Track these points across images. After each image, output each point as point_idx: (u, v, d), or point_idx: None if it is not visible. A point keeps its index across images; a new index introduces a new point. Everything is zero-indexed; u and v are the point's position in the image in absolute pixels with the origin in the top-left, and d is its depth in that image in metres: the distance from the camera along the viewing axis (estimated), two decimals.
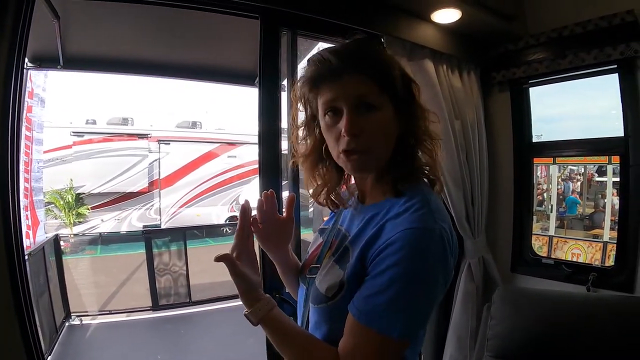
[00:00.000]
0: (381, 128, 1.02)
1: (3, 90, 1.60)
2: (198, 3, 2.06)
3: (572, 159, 3.02)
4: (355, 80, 1.00)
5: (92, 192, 13.54)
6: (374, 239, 0.98)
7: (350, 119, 1.00)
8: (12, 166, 1.63)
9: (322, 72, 1.04)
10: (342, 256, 1.06)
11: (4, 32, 1.60)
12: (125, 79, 17.89)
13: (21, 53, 1.66)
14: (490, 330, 2.34)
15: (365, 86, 1.00)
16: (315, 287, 1.08)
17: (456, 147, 2.64)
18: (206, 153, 15.03)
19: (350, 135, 0.99)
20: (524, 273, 2.96)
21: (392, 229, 0.94)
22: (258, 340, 4.85)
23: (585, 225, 3.02)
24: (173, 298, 7.03)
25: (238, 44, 3.26)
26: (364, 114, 1.00)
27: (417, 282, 0.90)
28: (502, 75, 2.88)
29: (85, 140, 13.37)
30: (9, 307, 1.62)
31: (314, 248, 1.27)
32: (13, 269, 1.62)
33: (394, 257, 0.89)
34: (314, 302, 1.08)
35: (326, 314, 1.04)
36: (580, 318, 2.14)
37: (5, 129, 1.61)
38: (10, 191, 1.62)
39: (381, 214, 1.03)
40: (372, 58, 1.05)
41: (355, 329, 0.93)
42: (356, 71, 1.01)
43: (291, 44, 2.21)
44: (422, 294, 0.92)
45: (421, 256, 0.90)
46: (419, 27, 2.49)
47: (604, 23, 2.42)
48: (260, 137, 2.10)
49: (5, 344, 1.63)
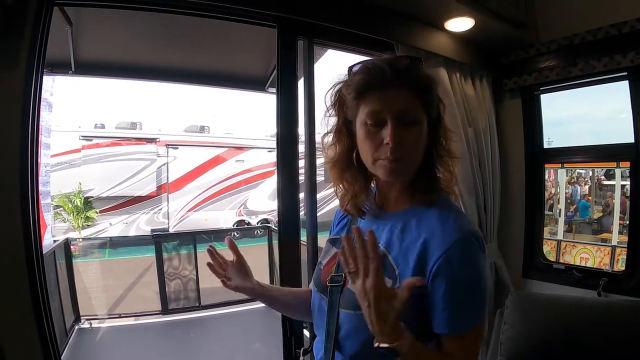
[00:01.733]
0: (418, 141, 1.10)
1: (23, 98, 1.63)
2: (216, 12, 2.08)
3: (581, 163, 3.03)
4: (403, 95, 1.09)
5: (101, 195, 13.63)
6: (424, 252, 1.06)
7: (395, 129, 1.06)
8: (32, 170, 1.67)
9: (374, 80, 1.09)
10: (385, 266, 1.11)
11: (23, 40, 1.64)
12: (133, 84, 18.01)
13: (40, 60, 1.69)
14: (503, 334, 2.35)
15: (411, 101, 1.09)
16: (353, 292, 1.08)
17: (469, 154, 2.66)
18: (214, 157, 15.11)
19: (395, 144, 1.06)
20: (535, 278, 2.97)
21: (443, 241, 1.04)
22: (266, 345, 4.86)
23: (594, 229, 3.02)
24: (183, 302, 7.03)
25: (248, 50, 3.29)
26: (405, 126, 1.08)
27: (479, 279, 1.06)
28: (513, 82, 2.90)
29: (93, 144, 13.44)
30: (28, 307, 1.66)
31: (329, 258, 1.32)
32: (32, 271, 1.66)
33: (458, 269, 1.02)
34: (353, 309, 1.11)
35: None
36: (592, 323, 2.15)
37: (26, 134, 1.64)
38: (30, 195, 1.66)
39: (415, 223, 1.13)
40: (419, 76, 1.12)
41: (459, 339, 1.05)
42: (405, 86, 1.09)
43: (307, 52, 2.24)
44: (483, 283, 1.07)
45: (475, 258, 1.06)
46: (432, 36, 2.52)
47: (614, 31, 2.42)
48: (279, 142, 2.14)
49: (23, 344, 1.67)
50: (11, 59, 1.61)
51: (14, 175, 1.62)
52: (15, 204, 1.62)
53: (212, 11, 2.08)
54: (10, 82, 1.61)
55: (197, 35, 2.96)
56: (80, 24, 2.60)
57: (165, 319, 6.79)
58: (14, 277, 1.63)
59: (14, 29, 1.61)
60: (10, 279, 1.63)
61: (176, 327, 6.40)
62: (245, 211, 15.89)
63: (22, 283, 1.64)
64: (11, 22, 1.59)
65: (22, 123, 1.63)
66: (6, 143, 1.61)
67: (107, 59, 3.26)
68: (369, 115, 1.10)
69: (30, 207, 1.66)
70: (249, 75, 3.77)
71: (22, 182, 1.64)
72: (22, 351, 1.66)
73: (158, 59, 3.38)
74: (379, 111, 1.08)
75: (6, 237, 1.62)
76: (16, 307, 1.65)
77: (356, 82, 1.12)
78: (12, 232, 1.62)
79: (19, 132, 1.62)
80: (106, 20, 2.65)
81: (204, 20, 2.18)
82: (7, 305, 1.62)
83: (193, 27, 2.75)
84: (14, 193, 1.62)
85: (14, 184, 1.62)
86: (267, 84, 3.76)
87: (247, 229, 14.93)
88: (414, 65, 1.13)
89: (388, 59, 1.11)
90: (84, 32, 2.72)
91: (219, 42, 3.12)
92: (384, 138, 1.07)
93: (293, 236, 2.21)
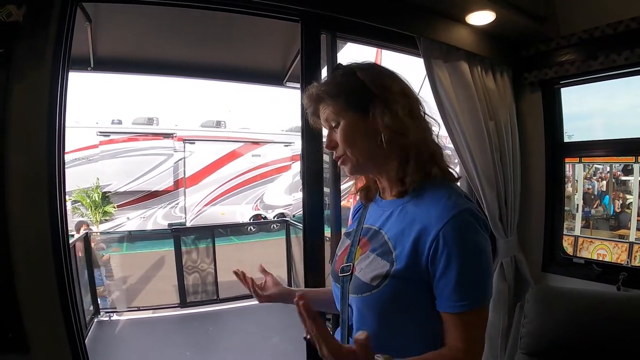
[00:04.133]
0: (347, 136, 1.22)
1: (49, 95, 1.67)
2: (240, 7, 2.10)
3: (599, 157, 3.00)
4: (323, 109, 1.26)
5: (118, 190, 13.75)
6: (420, 234, 1.10)
7: (327, 136, 1.27)
8: (59, 165, 1.71)
9: (308, 110, 1.34)
10: (384, 250, 1.17)
11: (49, 37, 1.67)
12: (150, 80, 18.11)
13: (66, 57, 1.73)
14: (523, 328, 2.36)
15: (328, 111, 1.24)
16: (358, 278, 1.19)
17: (490, 147, 2.66)
18: (230, 152, 15.19)
19: (329, 149, 1.27)
20: (555, 272, 2.96)
21: (437, 220, 1.07)
22: (284, 339, 4.88)
23: (611, 225, 3.00)
24: (201, 295, 7.09)
25: (266, 44, 3.30)
26: (334, 129, 1.25)
27: (477, 256, 1.08)
28: (534, 75, 2.87)
29: (111, 139, 13.56)
30: (55, 301, 1.71)
31: (342, 250, 1.38)
32: (59, 262, 1.70)
33: (455, 246, 1.05)
34: (358, 292, 1.17)
35: (371, 302, 1.15)
36: (612, 316, 2.15)
37: (53, 131, 1.68)
38: (58, 189, 1.70)
39: (411, 207, 1.18)
40: (325, 86, 1.27)
41: (462, 319, 1.07)
42: (319, 103, 1.27)
43: (331, 46, 2.25)
44: (484, 260, 1.09)
45: (472, 235, 1.08)
46: (454, 29, 2.52)
47: (635, 24, 2.39)
48: (304, 136, 2.17)
49: (49, 334, 1.71)
50: (38, 56, 1.65)
51: (42, 170, 1.66)
52: (43, 198, 1.66)
53: (236, 6, 2.10)
54: (37, 79, 1.65)
55: (213, 30, 2.98)
56: (99, 21, 2.63)
57: (184, 311, 6.83)
58: (42, 269, 1.68)
59: (41, 27, 1.65)
60: (39, 270, 1.67)
61: (194, 320, 6.43)
62: (262, 205, 15.97)
63: (49, 275, 1.69)
64: (37, 20, 1.63)
65: (49, 118, 1.67)
66: (34, 138, 1.65)
67: (126, 55, 3.28)
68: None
69: (58, 201, 1.70)
70: (266, 69, 3.77)
71: (49, 177, 1.68)
72: (49, 344, 1.71)
73: (175, 54, 3.39)
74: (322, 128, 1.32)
75: (35, 229, 1.66)
76: (44, 300, 1.69)
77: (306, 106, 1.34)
78: (41, 225, 1.66)
79: (46, 127, 1.66)
80: (125, 16, 2.68)
81: (221, 14, 2.22)
82: (35, 297, 1.66)
83: (210, 22, 2.78)
84: (42, 187, 1.66)
85: (42, 178, 1.66)
86: (285, 78, 3.75)
87: (264, 223, 15.02)
88: (328, 80, 1.35)
89: (306, 92, 1.29)
90: (103, 28, 2.74)
91: (237, 37, 3.11)
92: None
93: (317, 230, 2.24)
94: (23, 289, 1.63)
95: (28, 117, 1.64)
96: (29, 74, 1.62)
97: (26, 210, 1.64)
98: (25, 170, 1.64)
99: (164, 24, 2.85)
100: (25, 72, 1.62)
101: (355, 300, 1.18)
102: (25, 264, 1.63)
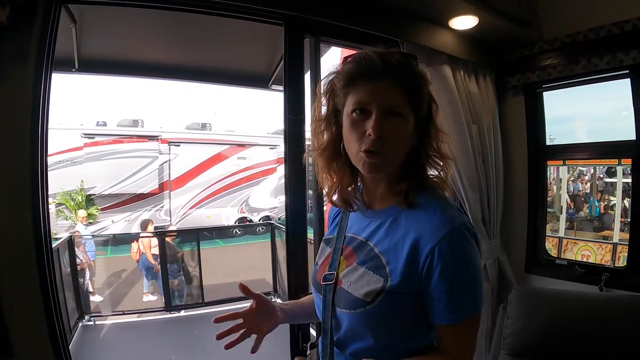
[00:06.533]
0: (401, 135, 1.10)
1: (33, 95, 1.66)
2: (224, 10, 2.09)
3: (582, 160, 3.03)
4: (392, 88, 1.08)
5: (103, 193, 13.65)
6: (415, 249, 1.07)
7: (379, 121, 1.06)
8: (42, 166, 1.70)
9: (363, 70, 1.10)
10: (376, 264, 1.13)
11: (33, 38, 1.66)
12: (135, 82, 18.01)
13: (49, 58, 1.71)
14: (506, 329, 2.38)
15: (398, 96, 1.08)
16: (347, 292, 1.14)
17: (473, 151, 2.67)
18: (216, 154, 15.16)
19: (377, 135, 1.05)
20: (538, 274, 2.98)
21: (433, 235, 1.05)
22: (271, 342, 4.88)
23: (595, 226, 3.03)
24: (186, 299, 7.06)
25: (251, 47, 3.29)
26: (390, 119, 1.08)
27: (472, 269, 1.08)
28: (516, 79, 2.90)
29: (95, 141, 13.46)
30: (38, 303, 1.69)
31: (323, 258, 1.31)
32: (42, 265, 1.69)
33: (450, 260, 1.04)
34: (351, 308, 1.13)
35: (367, 318, 1.11)
36: (594, 316, 2.19)
37: (36, 131, 1.67)
38: (40, 192, 1.69)
39: (403, 220, 1.14)
40: (410, 72, 1.12)
41: (455, 330, 1.07)
42: (394, 80, 1.08)
43: (314, 50, 2.25)
44: (477, 274, 1.09)
45: (466, 249, 1.07)
46: (437, 34, 2.53)
47: (617, 29, 2.42)
48: (286, 138, 2.16)
49: (32, 338, 1.69)
50: (21, 57, 1.64)
51: (25, 171, 1.65)
52: (26, 198, 1.64)
53: (220, 9, 2.08)
54: (20, 80, 1.63)
55: (199, 33, 2.97)
56: (84, 22, 2.61)
57: (169, 315, 6.80)
58: (25, 271, 1.66)
59: (24, 27, 1.63)
60: (22, 273, 1.66)
61: (180, 324, 6.41)
62: (247, 208, 15.95)
63: (32, 278, 1.67)
64: (21, 21, 1.61)
65: (32, 119, 1.66)
66: (17, 139, 1.63)
67: (110, 56, 3.26)
68: (355, 104, 1.10)
69: (41, 204, 1.69)
70: (251, 72, 3.76)
71: (32, 179, 1.66)
72: (32, 347, 1.70)
73: (161, 57, 3.39)
74: (365, 102, 1.09)
75: (18, 231, 1.64)
76: (27, 302, 1.68)
77: (346, 72, 1.14)
78: (23, 227, 1.65)
79: (29, 128, 1.65)
80: (110, 18, 2.67)
81: (206, 17, 2.19)
82: (18, 300, 1.65)
83: (195, 25, 2.77)
84: (24, 189, 1.64)
85: (25, 179, 1.64)
86: (270, 81, 3.75)
87: (249, 226, 14.98)
88: (407, 61, 1.14)
89: (381, 52, 1.12)
90: (88, 30, 2.72)
91: (222, 40, 3.12)
92: (367, 129, 1.07)
93: (300, 233, 2.24)
94: (5, 292, 1.60)
95: (11, 119, 1.62)
96: (12, 75, 1.61)
97: (8, 213, 1.62)
98: (8, 171, 1.62)
99: (149, 26, 2.85)
100: (8, 73, 1.60)
101: (348, 316, 1.14)
102: (8, 266, 1.61)
